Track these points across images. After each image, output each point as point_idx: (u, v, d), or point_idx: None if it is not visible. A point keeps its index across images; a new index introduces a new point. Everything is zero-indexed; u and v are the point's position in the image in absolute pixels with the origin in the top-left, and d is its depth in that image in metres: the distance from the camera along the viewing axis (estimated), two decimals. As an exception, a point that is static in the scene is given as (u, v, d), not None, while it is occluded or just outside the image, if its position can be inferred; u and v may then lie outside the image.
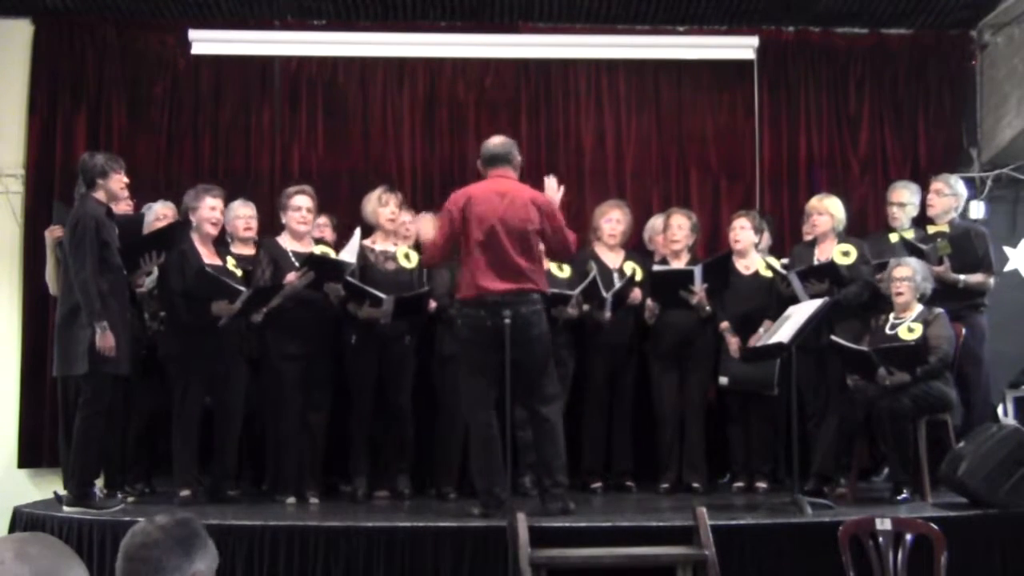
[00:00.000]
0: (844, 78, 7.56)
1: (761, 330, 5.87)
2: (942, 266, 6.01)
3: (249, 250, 5.97)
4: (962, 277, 6.07)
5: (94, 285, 5.08)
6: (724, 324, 6.09)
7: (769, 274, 6.18)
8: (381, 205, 5.98)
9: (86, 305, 5.08)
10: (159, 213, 6.05)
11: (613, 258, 6.31)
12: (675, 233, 6.26)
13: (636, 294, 6.15)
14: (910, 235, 6.31)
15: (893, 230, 6.45)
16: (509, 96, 7.45)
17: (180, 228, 5.70)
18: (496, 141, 5.27)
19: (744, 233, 6.25)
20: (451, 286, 5.90)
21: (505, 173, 5.17)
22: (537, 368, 5.05)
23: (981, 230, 6.49)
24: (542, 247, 5.20)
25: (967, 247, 6.15)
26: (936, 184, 6.37)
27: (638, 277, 6.20)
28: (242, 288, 5.50)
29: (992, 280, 6.25)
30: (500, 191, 5.06)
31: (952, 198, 6.33)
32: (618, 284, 6.10)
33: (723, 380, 6.08)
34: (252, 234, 6.00)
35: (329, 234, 6.42)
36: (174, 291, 5.56)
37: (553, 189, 5.28)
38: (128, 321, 5.36)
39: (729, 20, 7.42)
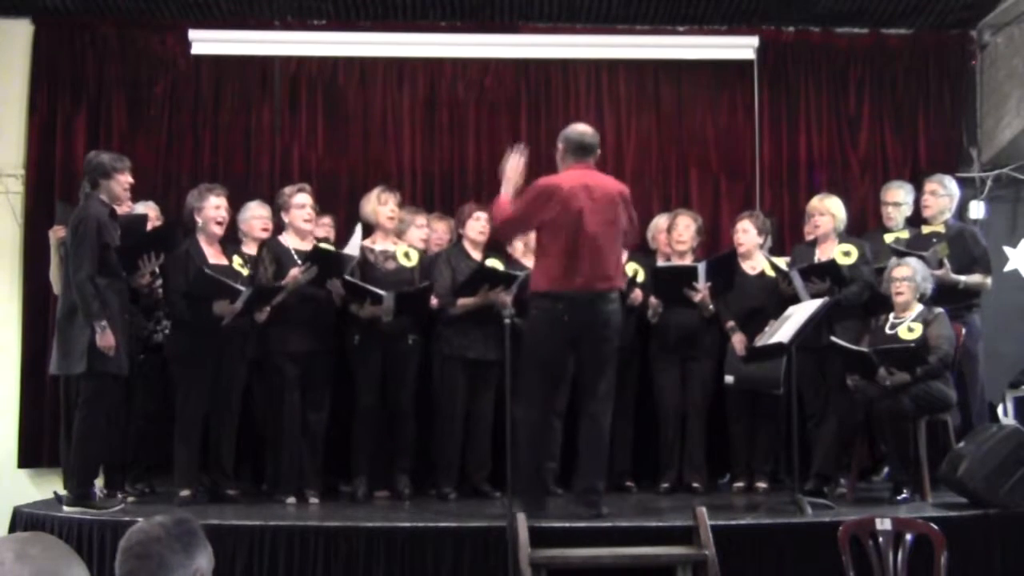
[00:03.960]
0: (844, 78, 7.56)
1: (767, 330, 5.87)
2: (942, 269, 6.01)
3: (252, 248, 5.98)
4: (962, 279, 6.08)
5: (92, 286, 5.09)
6: (730, 323, 6.09)
7: (774, 274, 6.18)
8: (380, 204, 5.98)
9: (83, 306, 5.09)
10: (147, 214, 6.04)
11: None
12: (681, 234, 6.27)
13: (636, 295, 6.15)
14: (904, 235, 6.32)
15: (888, 230, 6.46)
16: (509, 96, 7.45)
17: (175, 229, 5.71)
18: (588, 130, 5.11)
19: (746, 236, 6.26)
20: (451, 285, 5.92)
21: (591, 165, 5.07)
22: (600, 366, 4.98)
23: (975, 230, 6.51)
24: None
25: (963, 248, 6.16)
26: (931, 185, 6.37)
27: (640, 278, 6.20)
28: (242, 288, 5.50)
29: (989, 280, 6.26)
30: (588, 185, 4.94)
31: (947, 198, 6.35)
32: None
33: (729, 379, 6.05)
34: (268, 235, 6.00)
35: (333, 234, 6.43)
36: (177, 291, 5.56)
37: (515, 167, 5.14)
38: (127, 322, 5.37)
39: (729, 20, 7.42)
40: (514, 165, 5.11)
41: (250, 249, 5.95)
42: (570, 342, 4.91)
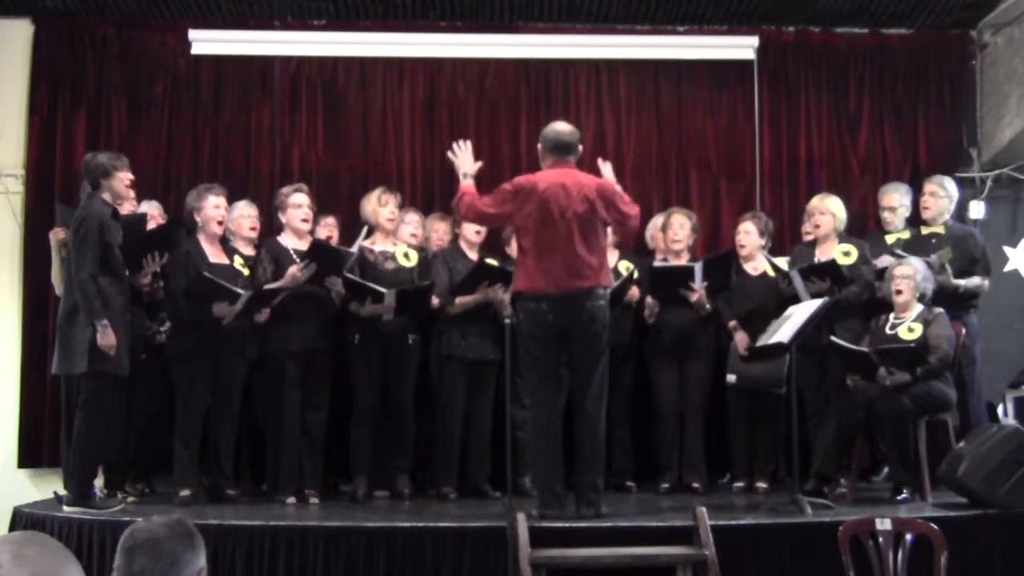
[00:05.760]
0: (844, 78, 7.56)
1: (769, 330, 5.86)
2: (944, 274, 6.00)
3: (251, 250, 5.98)
4: (962, 283, 6.08)
5: (94, 285, 5.09)
6: (733, 323, 6.09)
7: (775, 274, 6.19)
8: (380, 205, 5.98)
9: (85, 305, 5.09)
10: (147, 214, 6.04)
11: (609, 258, 6.30)
12: (676, 232, 6.27)
13: (634, 292, 6.15)
14: (905, 235, 6.32)
15: (888, 232, 6.46)
16: (509, 96, 7.45)
17: (177, 228, 5.71)
18: (566, 128, 5.11)
19: (748, 238, 6.27)
20: (449, 285, 5.92)
21: (571, 163, 5.05)
22: (591, 362, 4.96)
23: (975, 232, 6.51)
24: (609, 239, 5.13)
25: (964, 250, 6.17)
26: (930, 187, 6.37)
27: (634, 276, 6.20)
28: (240, 291, 5.50)
29: (987, 283, 6.26)
30: (565, 183, 4.91)
31: (946, 200, 6.36)
32: (613, 283, 6.10)
33: (731, 378, 6.05)
34: (256, 234, 6.01)
35: (336, 235, 6.43)
36: (178, 291, 5.56)
37: (610, 174, 5.19)
38: (128, 322, 5.37)
39: (729, 20, 7.42)
40: (464, 159, 5.14)
41: (240, 248, 5.95)
42: (559, 339, 4.89)
